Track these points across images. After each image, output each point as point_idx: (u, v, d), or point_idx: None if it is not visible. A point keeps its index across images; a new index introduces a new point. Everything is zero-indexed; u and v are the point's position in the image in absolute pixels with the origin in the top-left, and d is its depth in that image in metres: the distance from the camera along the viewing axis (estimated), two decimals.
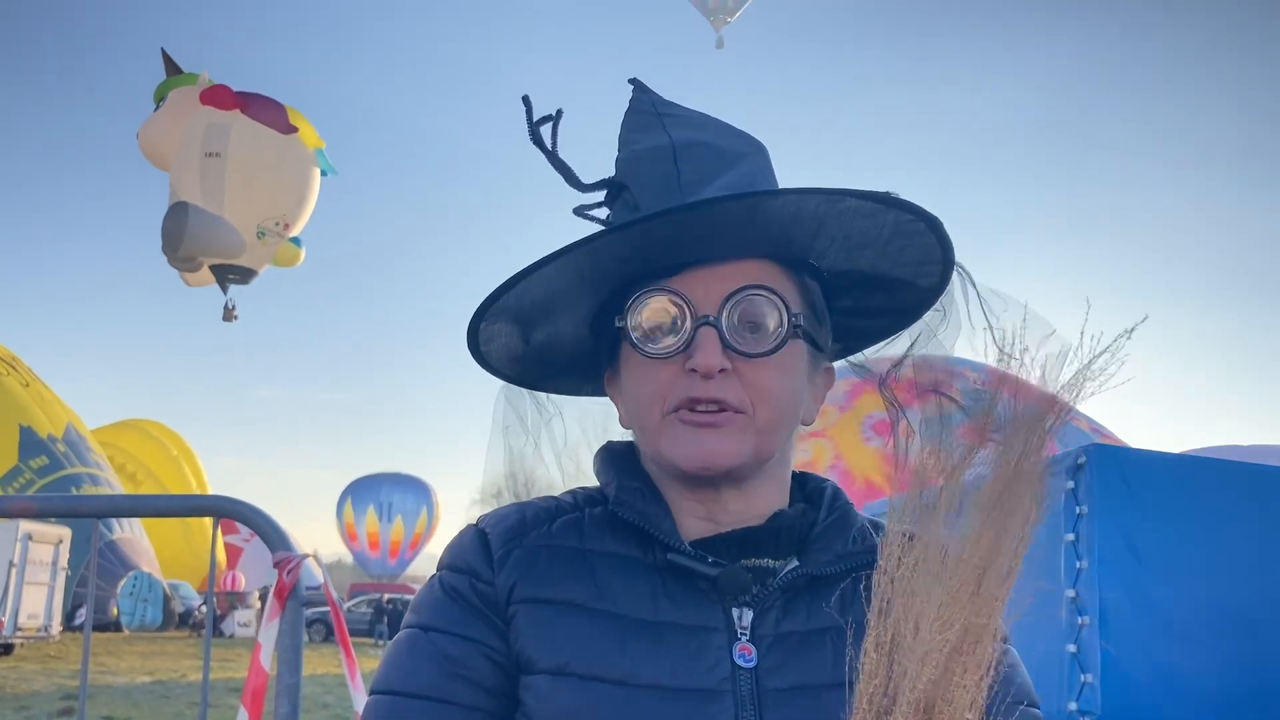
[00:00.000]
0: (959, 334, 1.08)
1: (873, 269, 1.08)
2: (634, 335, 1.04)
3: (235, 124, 14.94)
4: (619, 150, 1.10)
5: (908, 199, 1.00)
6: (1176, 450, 4.22)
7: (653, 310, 1.03)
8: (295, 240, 15.88)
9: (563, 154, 1.10)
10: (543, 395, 1.21)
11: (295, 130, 15.49)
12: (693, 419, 1.02)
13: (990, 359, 0.96)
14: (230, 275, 15.25)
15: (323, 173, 16.09)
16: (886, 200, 1.00)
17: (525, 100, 1.07)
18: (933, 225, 1.02)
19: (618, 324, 1.05)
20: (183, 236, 14.30)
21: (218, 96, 15.02)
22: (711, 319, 1.01)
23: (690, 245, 1.02)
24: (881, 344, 1.16)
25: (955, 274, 1.07)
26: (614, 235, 1.02)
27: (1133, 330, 0.90)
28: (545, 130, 1.09)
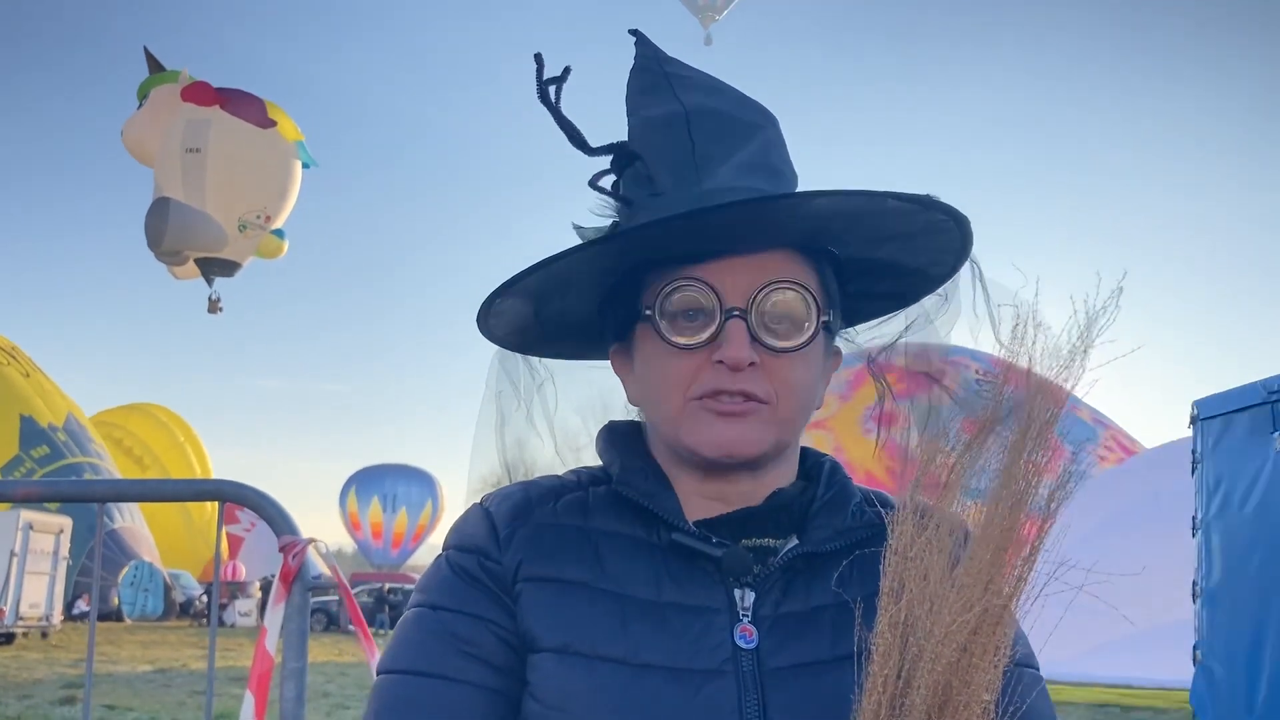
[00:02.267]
0: (958, 319, 1.08)
1: (891, 259, 1.08)
2: (661, 324, 1.02)
3: (214, 120, 14.86)
4: (628, 115, 1.09)
5: (946, 202, 1.01)
6: None
7: (682, 300, 1.02)
8: (278, 232, 15.78)
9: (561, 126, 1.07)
10: (535, 360, 1.20)
11: (274, 124, 15.38)
12: (717, 407, 1.01)
13: (993, 348, 0.97)
14: (214, 268, 15.21)
15: (304, 165, 15.97)
16: (927, 204, 1.00)
17: (537, 58, 1.05)
18: (960, 223, 1.03)
19: (645, 311, 1.04)
20: (164, 231, 14.26)
21: (197, 93, 14.92)
22: (740, 312, 1.00)
23: (720, 236, 1.01)
24: (876, 322, 1.15)
25: (966, 265, 1.07)
26: (647, 228, 1.01)
27: (1120, 288, 0.90)
28: (553, 90, 1.06)
